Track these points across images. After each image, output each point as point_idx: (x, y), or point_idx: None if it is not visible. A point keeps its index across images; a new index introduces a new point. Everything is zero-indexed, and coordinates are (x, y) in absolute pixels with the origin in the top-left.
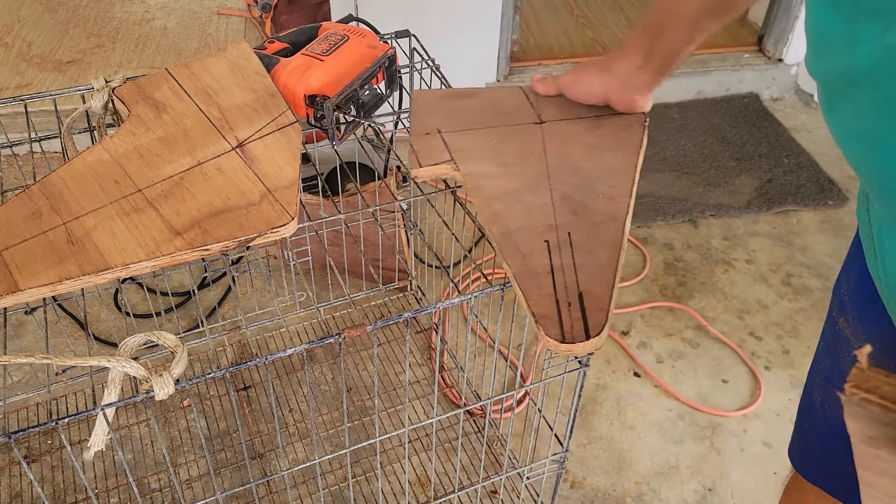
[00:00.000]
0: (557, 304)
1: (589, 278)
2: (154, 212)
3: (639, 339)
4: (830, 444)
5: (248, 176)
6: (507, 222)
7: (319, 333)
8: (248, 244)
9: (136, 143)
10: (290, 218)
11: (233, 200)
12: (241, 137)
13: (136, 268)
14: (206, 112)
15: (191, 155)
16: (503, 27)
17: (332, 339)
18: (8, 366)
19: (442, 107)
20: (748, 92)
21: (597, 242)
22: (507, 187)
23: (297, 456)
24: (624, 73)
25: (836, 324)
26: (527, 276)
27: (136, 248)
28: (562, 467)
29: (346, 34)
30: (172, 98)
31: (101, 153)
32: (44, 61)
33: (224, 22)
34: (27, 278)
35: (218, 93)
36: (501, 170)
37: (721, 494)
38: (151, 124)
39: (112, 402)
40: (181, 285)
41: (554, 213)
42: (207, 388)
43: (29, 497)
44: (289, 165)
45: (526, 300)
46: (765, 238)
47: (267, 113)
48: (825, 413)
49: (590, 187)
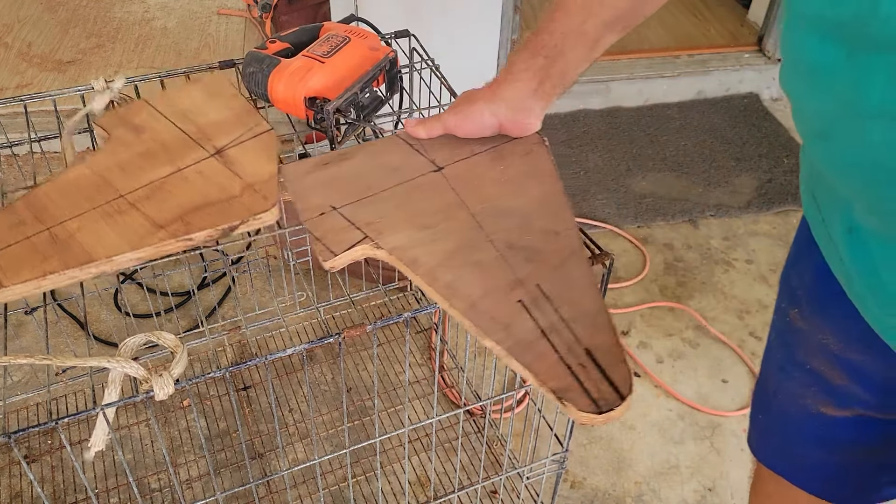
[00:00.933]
0: (571, 370)
1: (586, 330)
2: (137, 212)
3: (639, 339)
4: (785, 431)
5: (228, 175)
6: (467, 293)
7: (319, 333)
8: (232, 231)
9: (117, 159)
10: (271, 205)
11: (214, 196)
12: (219, 146)
13: (120, 260)
14: (184, 129)
15: (171, 164)
16: (503, 27)
17: (332, 338)
18: (8, 366)
19: (322, 178)
20: (748, 92)
21: (571, 287)
22: (444, 250)
23: (296, 456)
24: (517, 99)
25: (787, 315)
26: (521, 348)
27: (119, 242)
28: (562, 467)
29: (348, 35)
30: (151, 121)
31: (83, 169)
32: (44, 61)
33: (224, 22)
34: (11, 276)
35: (195, 113)
36: (427, 233)
37: (721, 494)
38: (131, 143)
39: (112, 402)
40: (181, 285)
41: (509, 266)
42: (207, 388)
43: (29, 497)
44: (267, 163)
45: (534, 376)
46: (765, 238)
47: (243, 125)
48: (778, 401)
49: (529, 227)
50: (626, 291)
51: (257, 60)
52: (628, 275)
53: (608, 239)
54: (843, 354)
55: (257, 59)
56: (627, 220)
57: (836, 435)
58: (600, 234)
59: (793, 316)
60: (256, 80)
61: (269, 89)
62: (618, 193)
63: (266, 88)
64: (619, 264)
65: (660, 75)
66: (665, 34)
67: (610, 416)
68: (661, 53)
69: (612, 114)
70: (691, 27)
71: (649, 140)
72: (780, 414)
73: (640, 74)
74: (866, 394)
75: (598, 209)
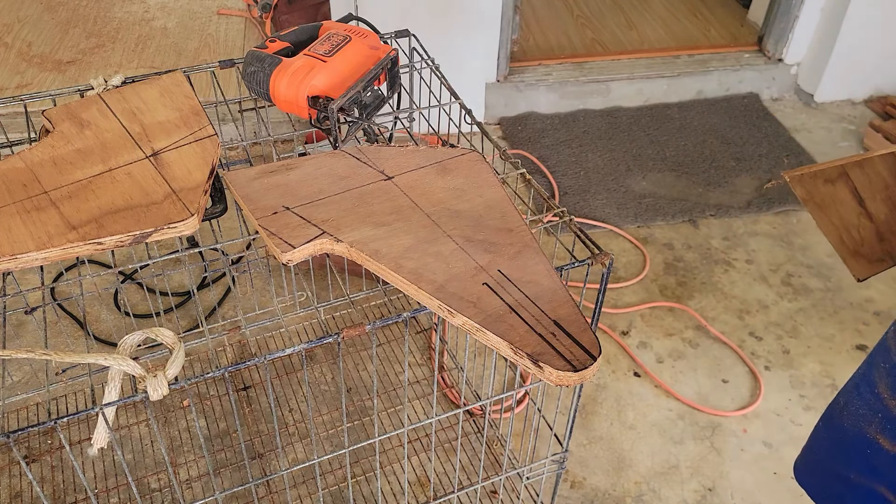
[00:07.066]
0: (543, 338)
1: (550, 305)
2: (55, 210)
3: (639, 339)
4: (840, 446)
5: (156, 179)
6: (432, 277)
7: (319, 333)
8: (145, 238)
9: (52, 154)
10: (190, 214)
11: (135, 200)
12: (156, 148)
13: (24, 259)
14: (128, 128)
15: (103, 163)
16: (503, 27)
17: (332, 338)
18: (7, 364)
19: (270, 184)
20: (748, 92)
21: (530, 272)
22: (403, 244)
23: (296, 456)
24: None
25: (887, 338)
26: (493, 321)
27: (27, 241)
28: (561, 467)
29: (348, 34)
30: (98, 117)
31: (17, 162)
32: (44, 61)
33: (224, 22)
34: None
35: (143, 112)
36: (384, 230)
37: (721, 494)
38: (72, 139)
39: (111, 402)
40: (181, 285)
41: (470, 256)
42: (207, 388)
43: (29, 497)
44: (199, 170)
45: (509, 344)
46: (765, 238)
47: (187, 127)
48: (843, 416)
49: (483, 225)
50: (626, 291)
51: (258, 60)
52: (628, 275)
53: (608, 239)
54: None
55: (258, 59)
56: (627, 220)
57: (882, 468)
58: (600, 234)
59: (890, 340)
60: (258, 80)
61: (271, 88)
62: (618, 193)
63: (268, 88)
64: (619, 264)
65: (660, 75)
66: (665, 34)
67: (584, 374)
68: (661, 53)
69: (612, 114)
70: (691, 27)
71: (649, 140)
72: (838, 428)
73: (640, 74)
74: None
75: (598, 209)
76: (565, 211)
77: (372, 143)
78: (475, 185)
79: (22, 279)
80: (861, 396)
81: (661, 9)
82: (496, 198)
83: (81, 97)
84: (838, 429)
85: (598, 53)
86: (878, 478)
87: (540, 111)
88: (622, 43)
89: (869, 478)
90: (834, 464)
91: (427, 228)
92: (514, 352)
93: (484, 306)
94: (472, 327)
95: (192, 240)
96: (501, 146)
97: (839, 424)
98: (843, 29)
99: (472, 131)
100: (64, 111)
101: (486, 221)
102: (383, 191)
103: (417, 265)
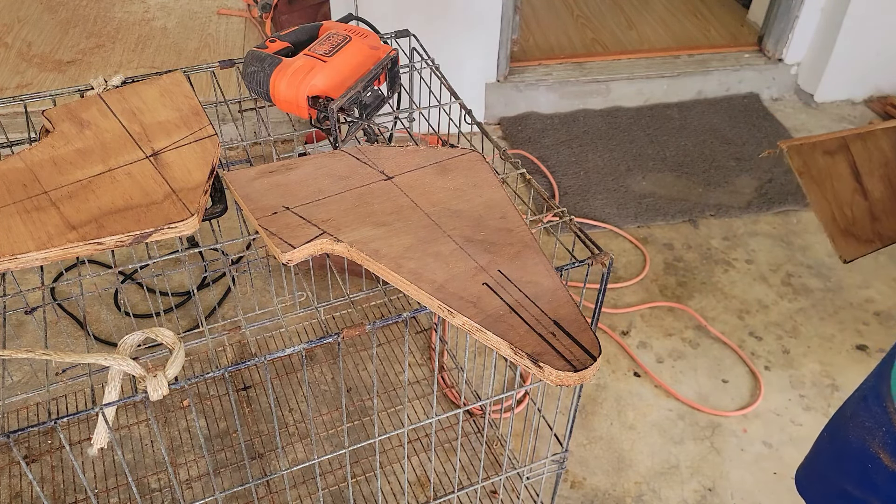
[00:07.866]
0: (543, 338)
1: (550, 305)
2: (55, 210)
3: (639, 339)
4: (839, 457)
5: (156, 179)
6: (432, 277)
7: (319, 333)
8: (145, 238)
9: (52, 154)
10: (190, 214)
11: (135, 200)
12: (156, 148)
13: (24, 259)
14: (128, 128)
15: (103, 163)
16: (503, 27)
17: (331, 338)
18: (8, 363)
19: (270, 184)
20: (748, 92)
21: (530, 272)
22: (404, 244)
23: (296, 456)
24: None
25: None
26: (493, 321)
27: (27, 240)
28: (561, 467)
29: (348, 34)
30: (98, 117)
31: (17, 162)
32: (44, 61)
33: (224, 22)
34: None
35: (143, 112)
36: (384, 230)
37: (721, 494)
38: (72, 139)
39: (111, 402)
40: (181, 285)
41: (469, 256)
42: (207, 388)
43: (29, 497)
44: (198, 170)
45: (509, 344)
46: (765, 238)
47: (187, 128)
48: (848, 427)
49: (483, 225)
50: (626, 291)
51: (258, 60)
52: (628, 275)
53: (608, 239)
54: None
55: (258, 59)
56: (627, 220)
57: (881, 485)
58: (600, 234)
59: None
60: (258, 80)
61: (271, 88)
62: (618, 193)
63: (268, 88)
64: (619, 264)
65: (660, 75)
66: (665, 34)
67: (584, 374)
68: (661, 53)
69: (612, 114)
70: (691, 27)
71: (649, 140)
72: (843, 439)
73: (640, 74)
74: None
75: (598, 209)
76: (565, 211)
77: (372, 143)
78: (475, 185)
79: (22, 279)
80: (868, 409)
81: (661, 9)
82: (496, 198)
83: (81, 97)
84: (842, 439)
85: (598, 53)
86: (875, 494)
87: (540, 111)
88: (622, 43)
89: (866, 492)
90: (834, 475)
91: (427, 228)
92: (514, 352)
93: (484, 306)
94: (472, 327)
95: (192, 240)
96: (501, 146)
97: (844, 435)
98: (842, 29)
99: (472, 131)
100: (64, 111)
101: (486, 221)
102: (383, 191)
103: (417, 265)
